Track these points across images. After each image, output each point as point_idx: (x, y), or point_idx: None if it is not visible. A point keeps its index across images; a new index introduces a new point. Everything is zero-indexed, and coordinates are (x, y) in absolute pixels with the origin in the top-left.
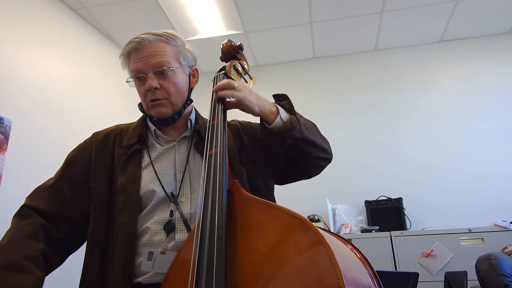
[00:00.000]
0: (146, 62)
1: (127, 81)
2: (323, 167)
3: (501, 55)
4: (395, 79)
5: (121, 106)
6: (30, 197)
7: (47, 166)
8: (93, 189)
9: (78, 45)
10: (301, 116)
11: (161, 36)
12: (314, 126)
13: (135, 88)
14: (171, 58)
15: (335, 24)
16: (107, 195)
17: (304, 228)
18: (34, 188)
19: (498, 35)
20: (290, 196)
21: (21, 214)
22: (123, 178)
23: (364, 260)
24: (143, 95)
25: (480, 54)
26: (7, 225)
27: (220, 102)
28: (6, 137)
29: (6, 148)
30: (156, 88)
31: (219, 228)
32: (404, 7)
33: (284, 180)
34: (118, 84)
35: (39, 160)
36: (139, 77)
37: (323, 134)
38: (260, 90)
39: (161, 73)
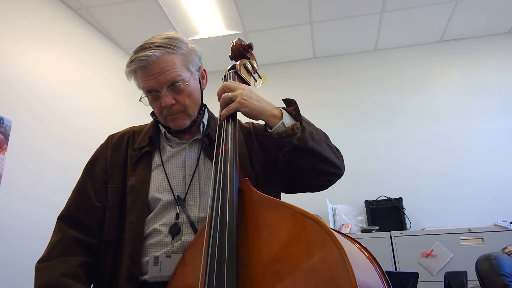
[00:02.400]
0: (157, 80)
1: (140, 100)
2: (330, 182)
3: (501, 55)
4: (395, 79)
5: (121, 105)
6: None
7: (47, 166)
8: (109, 189)
9: (78, 45)
10: (310, 124)
11: (167, 47)
12: (325, 136)
13: (134, 88)
14: (181, 69)
15: (335, 24)
16: (120, 195)
17: (316, 227)
18: (34, 188)
19: (498, 35)
20: (290, 195)
21: (55, 230)
22: (133, 179)
23: (373, 259)
24: (159, 110)
25: (480, 54)
26: (8, 224)
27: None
28: (6, 137)
29: (6, 148)
30: (172, 104)
31: (230, 222)
32: (404, 7)
33: (288, 190)
34: (118, 83)
35: (39, 160)
36: (152, 95)
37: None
38: (260, 90)
39: (174, 88)
